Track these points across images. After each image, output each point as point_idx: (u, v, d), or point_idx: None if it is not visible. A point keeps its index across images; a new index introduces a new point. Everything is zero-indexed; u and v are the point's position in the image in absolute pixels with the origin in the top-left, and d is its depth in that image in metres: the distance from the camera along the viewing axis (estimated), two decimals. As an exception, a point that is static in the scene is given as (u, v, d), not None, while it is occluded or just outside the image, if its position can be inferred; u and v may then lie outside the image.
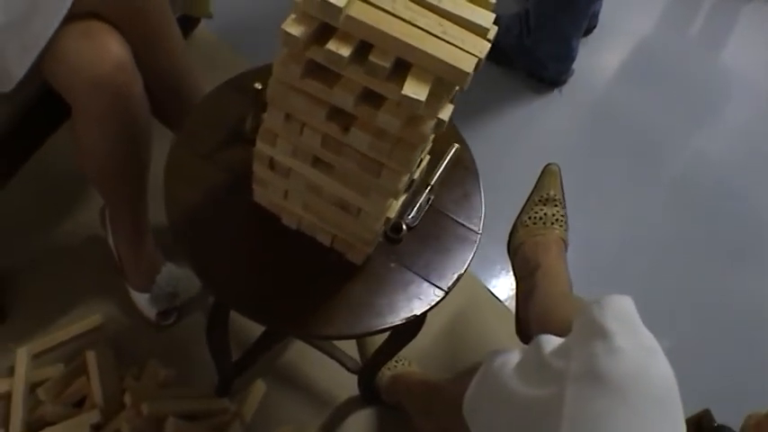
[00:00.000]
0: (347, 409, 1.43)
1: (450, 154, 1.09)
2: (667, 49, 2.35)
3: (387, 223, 0.96)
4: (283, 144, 0.86)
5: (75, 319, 1.41)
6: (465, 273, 1.00)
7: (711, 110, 2.23)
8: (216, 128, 1.06)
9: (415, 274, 0.99)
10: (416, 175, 1.01)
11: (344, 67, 0.72)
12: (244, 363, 1.35)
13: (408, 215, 1.02)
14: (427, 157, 1.01)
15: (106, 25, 1.05)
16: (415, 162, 0.79)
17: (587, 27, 2.15)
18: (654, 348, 0.78)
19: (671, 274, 1.81)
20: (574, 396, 0.76)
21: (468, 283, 1.60)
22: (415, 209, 1.03)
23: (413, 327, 1.09)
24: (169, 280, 1.39)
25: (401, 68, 0.72)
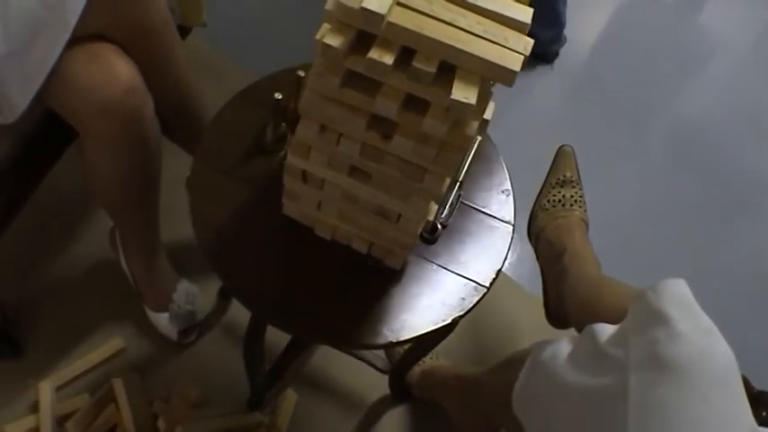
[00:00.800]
0: (380, 409, 1.42)
1: (475, 147, 1.07)
2: (645, 15, 2.36)
3: (426, 226, 0.94)
4: (318, 156, 0.83)
5: (95, 346, 1.38)
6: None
7: (694, 70, 2.26)
8: (235, 141, 1.04)
9: (455, 273, 0.98)
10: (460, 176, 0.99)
11: (387, 75, 0.70)
12: (275, 373, 1.33)
13: (441, 214, 1.01)
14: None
15: (113, 46, 1.01)
16: (459, 164, 0.78)
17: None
18: (712, 329, 0.78)
19: (669, 236, 1.82)
20: (638, 384, 0.76)
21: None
22: (447, 207, 1.01)
23: (451, 324, 1.08)
24: (187, 297, 1.36)
25: (443, 71, 0.70)
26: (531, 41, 0.71)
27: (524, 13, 0.72)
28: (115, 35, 1.02)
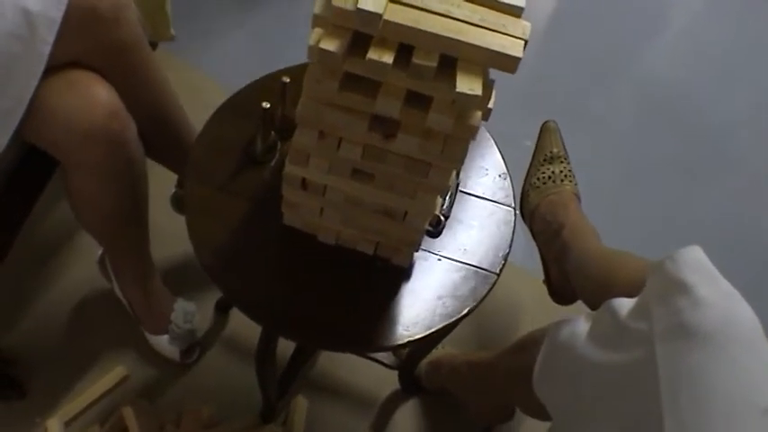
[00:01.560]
0: (392, 404, 1.41)
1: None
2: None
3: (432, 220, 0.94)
4: (318, 162, 0.82)
5: (98, 377, 1.35)
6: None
7: (655, 28, 2.28)
8: (224, 155, 1.01)
9: (463, 263, 0.97)
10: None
11: (387, 74, 0.69)
12: (284, 382, 1.32)
13: (442, 205, 1.00)
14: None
15: (89, 72, 0.98)
16: (465, 155, 0.77)
17: None
18: (733, 293, 0.78)
19: (638, 191, 1.83)
20: (666, 355, 0.76)
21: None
22: (447, 197, 1.00)
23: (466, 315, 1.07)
24: (185, 316, 1.34)
25: (444, 64, 0.69)
26: (529, 25, 0.70)
27: (517, -3, 0.71)
28: (90, 59, 0.99)
